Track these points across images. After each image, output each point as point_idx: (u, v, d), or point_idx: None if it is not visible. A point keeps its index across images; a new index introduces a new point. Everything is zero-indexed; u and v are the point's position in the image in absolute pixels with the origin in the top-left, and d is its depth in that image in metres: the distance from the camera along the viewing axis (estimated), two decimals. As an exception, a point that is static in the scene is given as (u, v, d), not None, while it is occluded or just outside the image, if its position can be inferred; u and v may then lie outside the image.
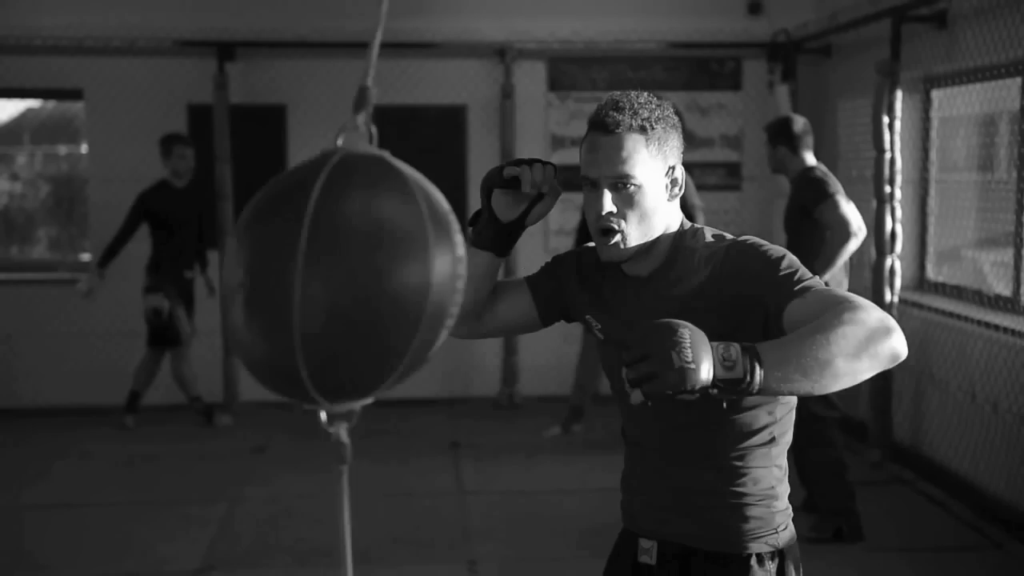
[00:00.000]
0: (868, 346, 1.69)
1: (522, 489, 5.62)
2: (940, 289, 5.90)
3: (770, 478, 2.03)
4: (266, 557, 4.70)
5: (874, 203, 5.88)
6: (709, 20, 7.39)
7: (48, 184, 8.55)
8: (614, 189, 1.94)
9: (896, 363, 1.74)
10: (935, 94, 5.91)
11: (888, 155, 5.79)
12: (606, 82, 7.41)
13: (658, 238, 1.99)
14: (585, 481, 5.72)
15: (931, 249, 6.05)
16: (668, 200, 1.99)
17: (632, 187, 1.93)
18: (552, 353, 7.33)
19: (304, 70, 7.32)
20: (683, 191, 2.02)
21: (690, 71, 7.54)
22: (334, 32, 7.17)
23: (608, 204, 1.94)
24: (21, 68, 7.15)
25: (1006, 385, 4.89)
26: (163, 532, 4.99)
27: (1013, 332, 4.87)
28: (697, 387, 1.58)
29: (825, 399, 4.73)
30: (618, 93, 2.01)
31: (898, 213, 5.83)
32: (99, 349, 7.31)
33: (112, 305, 7.32)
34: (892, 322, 1.73)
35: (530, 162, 2.03)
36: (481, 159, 7.43)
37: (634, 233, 1.95)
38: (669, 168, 1.98)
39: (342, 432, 1.35)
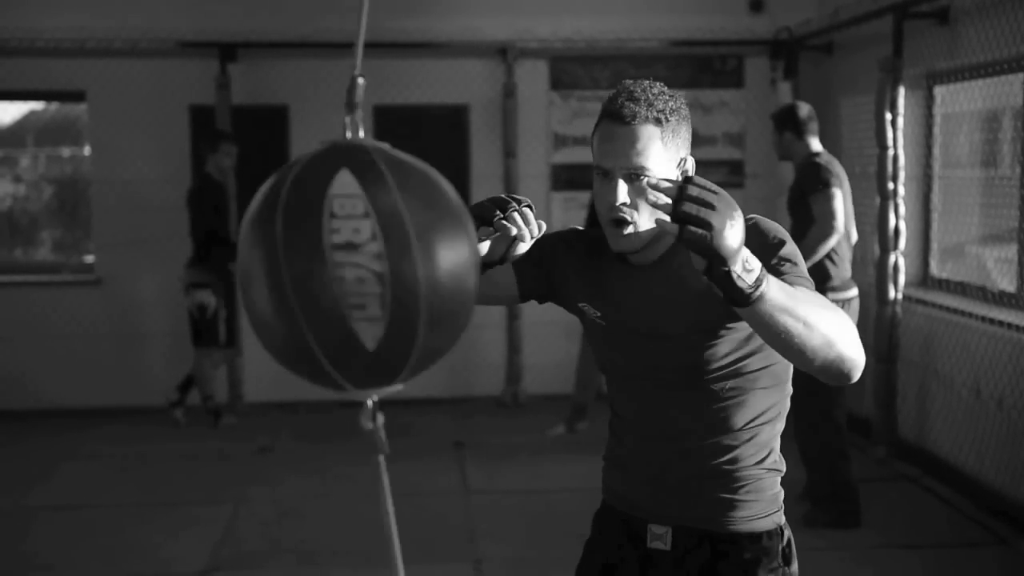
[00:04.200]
0: (844, 345, 1.75)
1: (527, 488, 5.62)
2: (944, 285, 5.90)
3: (776, 454, 2.07)
4: (271, 558, 4.71)
5: (877, 200, 5.88)
6: (711, 18, 7.38)
7: (51, 186, 8.55)
8: (628, 180, 1.93)
9: (841, 376, 1.79)
10: (938, 90, 5.91)
11: (891, 152, 5.79)
12: (608, 81, 7.40)
13: None
14: (590, 480, 5.68)
15: (935, 245, 6.04)
16: None
17: (646, 179, 1.92)
18: (556, 351, 7.33)
19: (306, 70, 7.32)
20: None
21: (692, 69, 7.54)
22: (336, 32, 7.16)
23: (622, 195, 1.93)
24: (24, 70, 7.16)
25: (1011, 381, 4.89)
26: (168, 533, 4.99)
27: (1017, 328, 4.86)
28: (728, 257, 1.60)
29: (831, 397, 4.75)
30: (631, 82, 2.01)
31: (901, 210, 5.83)
32: (103, 350, 7.32)
33: (116, 307, 7.33)
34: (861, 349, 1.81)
35: (504, 205, 1.92)
36: (483, 158, 7.43)
37: (646, 224, 1.94)
38: (681, 159, 1.99)
39: (376, 423, 1.39)
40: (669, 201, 1.62)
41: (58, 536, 5.01)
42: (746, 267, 1.63)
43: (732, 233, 1.60)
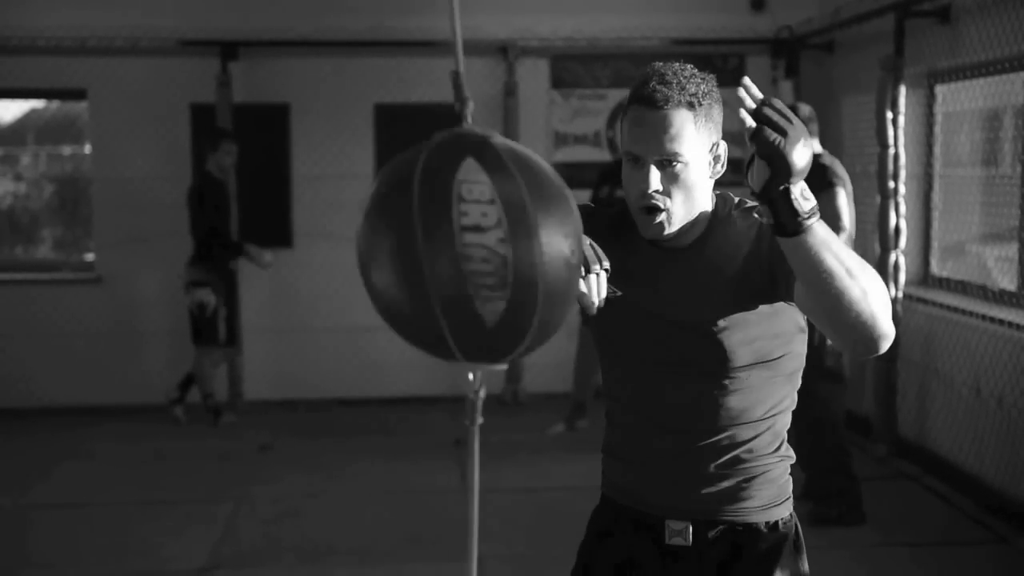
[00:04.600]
0: (879, 306, 1.72)
1: (527, 486, 5.62)
2: (944, 284, 5.90)
3: (786, 444, 2.06)
4: (271, 556, 4.71)
5: (878, 199, 5.88)
6: (712, 17, 7.38)
7: (52, 184, 8.55)
8: (660, 167, 1.89)
9: (870, 342, 1.75)
10: (939, 89, 5.90)
11: (892, 151, 5.79)
12: (609, 79, 7.41)
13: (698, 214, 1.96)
14: (590, 478, 5.68)
15: (935, 244, 6.04)
16: (710, 177, 1.95)
17: (679, 165, 1.89)
18: (556, 350, 7.28)
19: (307, 68, 7.32)
20: (724, 169, 1.97)
21: (693, 68, 7.52)
22: (337, 31, 7.16)
23: (655, 182, 1.89)
24: (24, 68, 7.16)
25: (1011, 380, 4.89)
26: (168, 531, 4.99)
27: (1018, 327, 4.86)
28: (793, 173, 1.63)
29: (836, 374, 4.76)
30: (661, 65, 1.95)
31: (902, 208, 5.83)
32: (104, 349, 7.32)
33: (117, 305, 7.34)
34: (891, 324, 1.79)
35: (587, 262, 1.83)
36: (484, 157, 7.42)
37: (679, 211, 1.91)
38: (713, 144, 1.94)
39: (479, 391, 1.51)
40: (753, 105, 1.65)
41: (58, 534, 5.01)
42: (804, 195, 1.66)
43: (801, 151, 1.62)
